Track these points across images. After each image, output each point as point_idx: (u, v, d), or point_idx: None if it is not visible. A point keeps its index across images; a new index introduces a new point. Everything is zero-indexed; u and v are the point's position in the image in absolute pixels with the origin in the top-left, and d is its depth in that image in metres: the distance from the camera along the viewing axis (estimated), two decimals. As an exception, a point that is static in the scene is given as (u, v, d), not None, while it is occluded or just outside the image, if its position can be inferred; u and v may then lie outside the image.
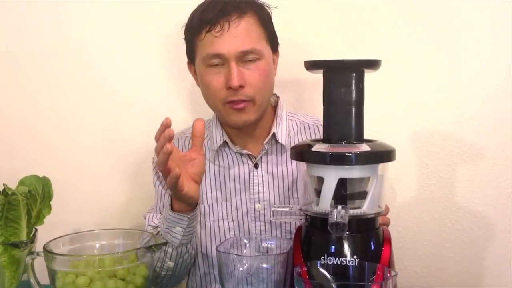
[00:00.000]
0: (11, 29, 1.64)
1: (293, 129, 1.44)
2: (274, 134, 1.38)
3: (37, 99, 1.66)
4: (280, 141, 1.38)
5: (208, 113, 1.43)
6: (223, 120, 1.36)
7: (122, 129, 1.68)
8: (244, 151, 1.39)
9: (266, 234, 1.38)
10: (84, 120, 1.67)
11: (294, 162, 1.38)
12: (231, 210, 1.39)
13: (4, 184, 1.16)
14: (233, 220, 1.39)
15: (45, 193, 1.23)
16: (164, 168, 1.08)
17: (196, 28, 1.29)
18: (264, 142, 1.38)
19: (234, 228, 1.39)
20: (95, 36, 1.66)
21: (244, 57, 1.28)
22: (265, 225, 1.38)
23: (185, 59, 1.42)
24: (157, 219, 1.39)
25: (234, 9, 1.27)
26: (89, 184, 1.67)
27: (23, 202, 1.14)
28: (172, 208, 1.21)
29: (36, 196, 1.20)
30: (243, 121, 1.32)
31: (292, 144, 1.38)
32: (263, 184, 1.38)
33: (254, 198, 1.38)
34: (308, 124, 1.46)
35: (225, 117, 1.33)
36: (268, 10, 1.36)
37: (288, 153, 1.39)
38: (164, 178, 1.12)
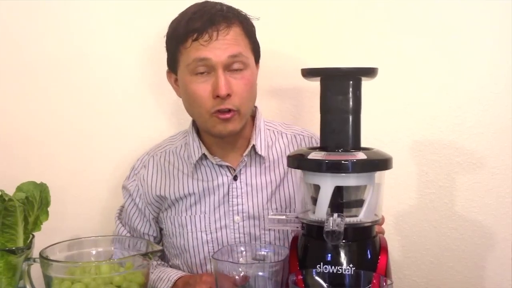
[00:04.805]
0: (9, 35, 1.65)
1: (271, 138, 1.43)
2: (253, 146, 1.37)
3: (35, 105, 1.66)
4: (259, 152, 1.37)
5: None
6: (207, 130, 1.34)
7: (120, 135, 1.67)
8: (224, 163, 1.38)
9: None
10: (82, 126, 1.67)
11: (272, 173, 1.40)
12: (209, 223, 1.38)
13: (1, 190, 1.16)
14: (211, 233, 1.38)
15: (43, 199, 1.23)
16: None
17: (182, 36, 1.28)
18: (244, 155, 1.37)
19: (212, 241, 1.38)
20: (94, 41, 1.66)
21: (231, 66, 1.28)
22: (244, 237, 1.38)
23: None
24: None
25: (223, 18, 1.28)
26: (87, 191, 1.67)
27: (20, 208, 1.14)
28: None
29: (34, 202, 1.20)
30: (228, 131, 1.31)
31: (271, 153, 1.40)
32: (242, 196, 1.38)
33: (233, 210, 1.38)
34: (286, 134, 1.45)
35: (210, 128, 1.32)
36: (252, 22, 1.37)
37: (267, 164, 1.40)
38: None
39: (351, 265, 1.00)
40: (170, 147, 1.46)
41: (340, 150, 1.06)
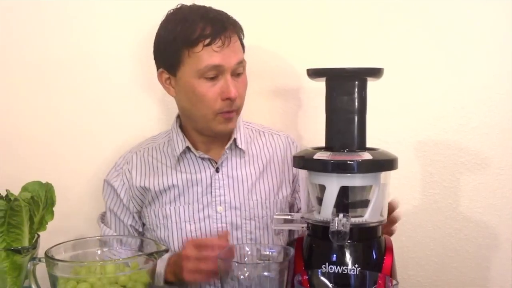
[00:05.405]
0: (10, 37, 1.65)
1: (249, 136, 1.51)
2: (234, 140, 1.44)
3: (40, 105, 1.66)
4: (240, 146, 1.45)
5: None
6: (208, 128, 1.39)
7: (125, 135, 1.67)
8: (206, 156, 1.43)
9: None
10: (86, 126, 1.67)
11: (252, 166, 1.46)
12: (193, 213, 1.42)
13: (6, 190, 1.16)
14: (194, 223, 1.42)
15: (48, 199, 1.23)
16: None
17: (192, 40, 1.31)
18: (226, 148, 1.44)
19: (196, 230, 1.42)
20: (95, 41, 1.66)
21: (236, 70, 1.35)
22: (226, 226, 1.42)
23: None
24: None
25: (231, 26, 1.35)
26: (92, 190, 1.66)
27: (26, 208, 1.14)
28: (165, 279, 1.33)
29: (39, 202, 1.20)
30: (229, 129, 1.40)
31: (250, 149, 1.48)
32: (224, 187, 1.43)
33: (215, 201, 1.42)
34: (264, 132, 1.54)
35: (211, 127, 1.38)
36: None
37: (247, 157, 1.46)
38: (186, 271, 1.24)
39: (356, 265, 1.00)
40: (153, 144, 1.51)
41: (345, 150, 1.06)
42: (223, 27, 1.32)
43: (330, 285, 0.98)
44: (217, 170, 1.44)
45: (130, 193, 1.46)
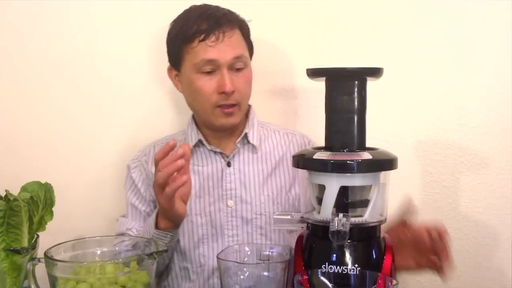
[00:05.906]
0: (13, 36, 1.65)
1: (263, 134, 1.53)
2: (246, 135, 1.47)
3: (39, 105, 1.66)
4: (251, 141, 1.47)
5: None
6: (210, 122, 1.43)
7: (125, 135, 1.68)
8: (218, 150, 1.46)
9: (237, 229, 1.43)
10: (86, 126, 1.67)
11: (264, 163, 1.47)
12: (204, 206, 1.44)
13: (6, 190, 1.16)
14: (205, 216, 1.43)
15: (47, 199, 1.22)
16: (164, 182, 1.17)
17: (189, 36, 1.37)
18: (237, 142, 1.46)
19: (206, 223, 1.43)
20: (98, 41, 1.66)
21: (234, 65, 1.39)
22: (236, 220, 1.43)
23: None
24: (136, 229, 1.45)
25: (228, 22, 1.39)
26: (92, 191, 1.67)
27: (25, 208, 1.14)
28: (157, 226, 1.30)
29: (38, 202, 1.20)
30: (230, 124, 1.42)
31: (263, 146, 1.50)
32: (235, 181, 1.45)
33: (226, 195, 1.44)
34: (279, 131, 1.55)
35: (212, 120, 1.42)
36: (248, 25, 1.46)
37: (259, 154, 1.48)
38: (158, 194, 1.22)
39: (356, 265, 1.00)
40: (171, 139, 1.50)
41: (345, 150, 1.06)
42: (217, 23, 1.37)
43: (330, 285, 0.98)
44: (228, 165, 1.45)
45: (147, 181, 1.49)
